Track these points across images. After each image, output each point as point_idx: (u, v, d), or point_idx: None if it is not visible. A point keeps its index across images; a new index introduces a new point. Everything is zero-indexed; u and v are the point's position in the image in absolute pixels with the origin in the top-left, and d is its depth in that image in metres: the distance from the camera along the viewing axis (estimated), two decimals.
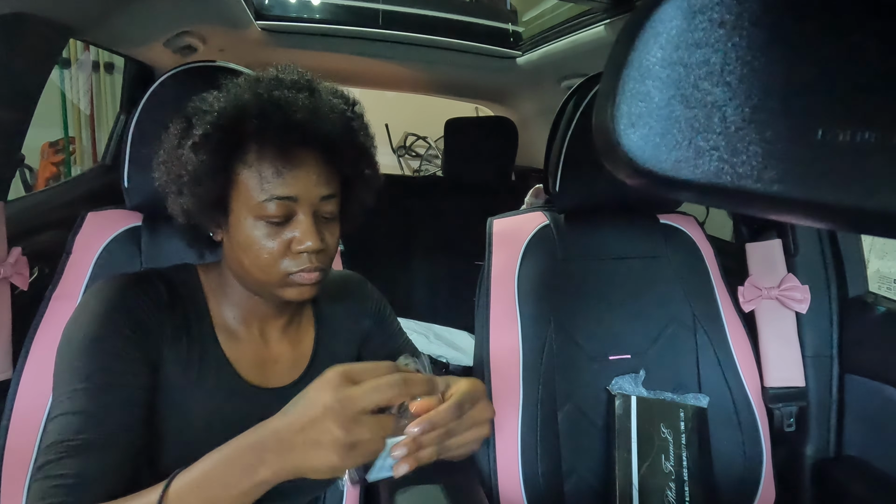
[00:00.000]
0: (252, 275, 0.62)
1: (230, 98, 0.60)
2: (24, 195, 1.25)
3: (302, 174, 0.59)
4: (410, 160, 3.65)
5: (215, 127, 0.58)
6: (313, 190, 0.60)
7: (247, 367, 0.67)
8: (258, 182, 0.59)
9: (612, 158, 0.25)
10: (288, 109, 0.57)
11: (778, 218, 0.25)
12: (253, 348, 0.69)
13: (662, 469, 0.95)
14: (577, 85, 1.04)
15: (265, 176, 0.59)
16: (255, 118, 0.57)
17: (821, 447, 1.06)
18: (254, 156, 0.59)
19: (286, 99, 0.58)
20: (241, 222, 0.61)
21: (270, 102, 0.58)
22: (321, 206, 0.61)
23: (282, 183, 0.59)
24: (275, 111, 0.57)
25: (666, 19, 0.24)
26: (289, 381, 0.70)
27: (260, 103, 0.58)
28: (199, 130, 0.59)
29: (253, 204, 0.59)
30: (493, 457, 0.95)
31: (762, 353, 1.06)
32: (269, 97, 0.58)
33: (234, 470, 0.50)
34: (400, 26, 1.75)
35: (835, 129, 0.22)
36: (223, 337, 0.67)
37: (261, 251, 0.60)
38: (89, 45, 2.43)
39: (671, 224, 1.11)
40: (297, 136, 0.58)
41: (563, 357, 0.99)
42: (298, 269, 0.61)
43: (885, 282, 1.78)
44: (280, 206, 0.59)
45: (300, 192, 0.59)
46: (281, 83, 0.60)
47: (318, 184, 0.60)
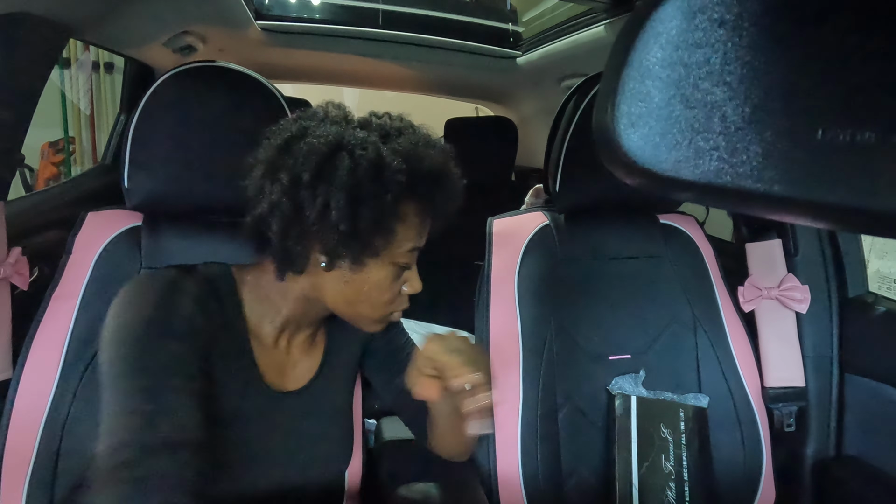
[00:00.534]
0: (356, 309, 0.66)
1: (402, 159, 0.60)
2: (24, 195, 1.25)
3: (426, 233, 0.67)
4: None
5: (402, 185, 0.59)
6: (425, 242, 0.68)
7: (271, 372, 0.69)
8: (411, 230, 0.64)
9: (612, 158, 0.25)
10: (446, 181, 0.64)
11: (778, 218, 0.25)
12: (279, 356, 0.70)
13: (662, 469, 0.95)
14: (577, 85, 1.04)
15: (416, 229, 0.64)
16: (428, 183, 0.62)
17: (821, 447, 1.06)
18: (413, 211, 0.63)
19: (445, 170, 0.64)
20: (376, 264, 0.63)
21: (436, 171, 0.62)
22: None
23: (421, 237, 0.66)
24: (437, 184, 0.63)
25: (666, 19, 0.24)
26: (302, 384, 0.72)
27: (431, 173, 0.62)
28: (368, 183, 0.57)
29: (398, 251, 0.63)
30: (493, 457, 0.94)
31: (762, 353, 1.06)
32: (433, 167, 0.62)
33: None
34: (400, 26, 1.74)
35: (835, 129, 0.22)
36: (255, 342, 0.67)
37: (384, 293, 0.65)
38: (89, 45, 2.43)
39: (671, 224, 1.11)
40: (444, 207, 0.65)
41: (563, 357, 0.99)
42: (398, 308, 0.68)
43: (885, 282, 1.78)
44: (414, 255, 0.66)
45: (422, 244, 0.67)
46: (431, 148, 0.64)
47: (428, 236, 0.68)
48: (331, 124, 0.62)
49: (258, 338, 0.68)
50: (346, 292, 0.64)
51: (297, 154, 0.59)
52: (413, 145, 0.62)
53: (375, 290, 0.64)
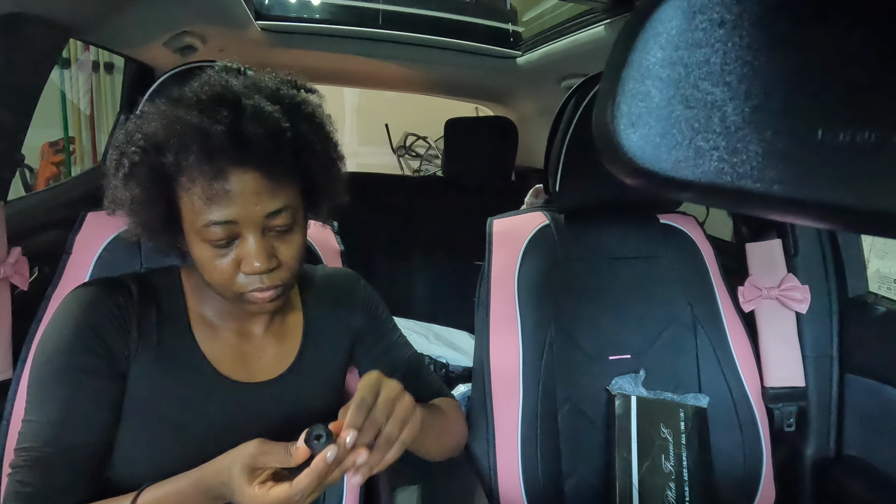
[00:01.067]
0: (213, 288, 0.63)
1: (152, 125, 0.57)
2: (24, 195, 1.25)
3: (238, 196, 0.56)
4: (410, 160, 3.65)
5: (142, 156, 0.57)
6: (255, 209, 0.57)
7: (226, 362, 0.68)
8: (194, 208, 0.57)
9: (612, 158, 0.25)
10: (206, 133, 0.54)
11: (778, 218, 0.25)
12: (233, 344, 0.69)
13: (662, 469, 0.95)
14: (577, 85, 1.04)
15: (198, 202, 0.57)
16: (175, 147, 0.55)
17: (821, 447, 1.06)
18: (185, 181, 0.57)
19: (203, 122, 0.55)
20: (191, 242, 0.60)
21: (188, 127, 0.55)
22: (269, 222, 0.59)
23: (217, 208, 0.56)
24: (192, 137, 0.54)
25: (666, 19, 0.24)
26: (275, 374, 0.70)
27: (177, 130, 0.55)
28: (127, 160, 0.58)
29: (196, 228, 0.58)
30: (493, 457, 0.94)
31: (762, 353, 1.06)
32: (187, 122, 0.55)
33: (200, 496, 0.57)
34: (400, 26, 1.74)
35: (835, 129, 0.22)
36: (201, 334, 0.67)
37: (213, 271, 0.60)
38: (89, 45, 2.43)
39: (671, 224, 1.11)
40: (221, 160, 0.55)
41: (563, 357, 0.99)
42: (251, 288, 0.60)
43: (885, 282, 1.78)
44: (222, 229, 0.57)
45: (239, 214, 0.57)
46: (199, 102, 0.57)
47: (259, 202, 0.57)
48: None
49: (205, 328, 0.68)
50: (200, 272, 0.63)
51: None
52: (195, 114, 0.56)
53: (205, 269, 0.60)
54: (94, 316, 0.62)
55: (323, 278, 0.79)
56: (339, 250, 0.96)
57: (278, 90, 0.61)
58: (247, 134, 0.55)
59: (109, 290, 0.65)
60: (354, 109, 3.61)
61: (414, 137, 3.57)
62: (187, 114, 0.56)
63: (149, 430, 0.63)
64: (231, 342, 0.69)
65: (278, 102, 0.59)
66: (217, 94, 0.57)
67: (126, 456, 0.62)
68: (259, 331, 0.71)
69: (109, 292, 0.64)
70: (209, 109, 0.56)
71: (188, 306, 0.68)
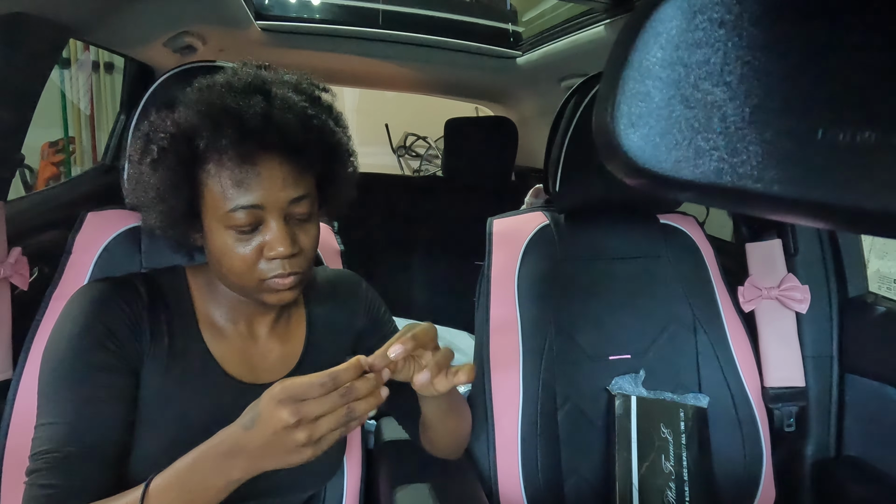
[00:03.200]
0: (229, 279, 0.63)
1: (182, 111, 0.59)
2: (24, 195, 1.25)
3: (265, 180, 0.58)
4: (410, 160, 3.65)
5: (171, 142, 0.58)
6: (280, 195, 0.59)
7: (233, 363, 0.68)
8: (221, 192, 0.59)
9: (612, 158, 0.25)
10: (240, 117, 0.57)
11: (778, 218, 0.25)
12: (240, 345, 0.69)
13: (662, 469, 0.95)
14: (577, 85, 1.04)
15: (226, 186, 0.58)
16: (208, 130, 0.57)
17: (821, 447, 1.06)
18: (213, 167, 0.59)
19: (237, 106, 0.57)
20: (212, 231, 0.61)
21: (222, 111, 0.57)
22: (291, 209, 0.61)
23: (245, 192, 0.58)
24: (227, 120, 0.56)
25: (666, 19, 0.24)
26: (279, 375, 0.70)
27: (211, 114, 0.57)
28: (155, 146, 0.59)
29: (220, 214, 0.59)
30: (493, 457, 0.94)
31: (762, 353, 1.06)
32: (221, 106, 0.57)
33: (208, 472, 0.54)
34: (400, 26, 1.74)
35: (835, 129, 0.22)
36: (209, 334, 0.68)
37: (234, 258, 0.61)
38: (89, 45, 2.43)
39: (671, 224, 1.11)
40: (252, 143, 0.57)
41: (563, 357, 0.99)
42: (272, 274, 0.61)
43: (885, 282, 1.78)
44: (247, 214, 0.59)
45: (265, 198, 0.59)
46: (232, 89, 0.59)
47: (284, 188, 0.59)
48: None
49: (213, 329, 0.68)
50: (213, 263, 0.65)
51: None
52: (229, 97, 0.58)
53: (225, 257, 0.61)
54: (105, 313, 0.62)
55: (325, 280, 0.79)
56: (340, 250, 0.96)
57: (300, 83, 0.64)
58: (278, 119, 0.57)
59: (119, 288, 0.65)
60: (354, 109, 3.61)
61: (414, 137, 3.57)
62: (221, 99, 0.58)
63: (162, 430, 0.63)
64: (237, 343, 0.69)
65: (302, 93, 0.63)
66: (249, 82, 0.60)
67: (141, 456, 0.62)
68: (264, 332, 0.71)
69: (119, 290, 0.65)
70: (242, 95, 0.58)
71: (195, 307, 0.68)
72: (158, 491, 0.54)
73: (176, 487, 0.54)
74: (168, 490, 0.54)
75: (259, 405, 0.53)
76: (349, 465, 0.85)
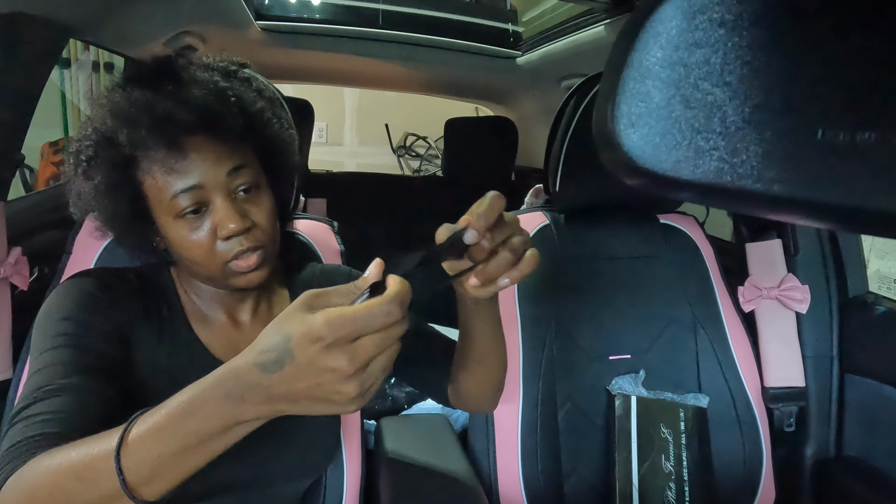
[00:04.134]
0: (195, 270, 0.64)
1: (98, 115, 0.60)
2: (24, 195, 1.25)
3: (196, 160, 0.59)
4: (410, 160, 3.65)
5: (96, 148, 0.59)
6: (215, 170, 0.59)
7: (220, 349, 0.69)
8: (158, 184, 0.59)
9: (612, 158, 0.25)
10: (151, 105, 0.57)
11: (778, 218, 0.25)
12: (224, 331, 0.70)
13: (662, 469, 0.95)
14: (577, 85, 1.04)
15: (161, 177, 0.58)
16: (125, 127, 0.57)
17: (821, 447, 1.06)
18: (144, 162, 0.59)
19: (147, 97, 0.57)
20: (165, 227, 0.61)
21: (133, 105, 0.57)
22: (232, 182, 0.60)
23: (180, 176, 0.58)
24: (139, 112, 0.57)
25: (666, 19, 0.24)
26: None
27: (124, 110, 0.57)
28: (83, 156, 0.60)
29: (165, 206, 0.60)
30: (493, 457, 0.94)
31: (762, 353, 1.06)
32: (131, 100, 0.58)
33: (209, 415, 0.43)
34: (400, 26, 1.74)
35: (835, 129, 0.22)
36: (195, 323, 0.69)
37: (192, 247, 0.60)
38: (89, 45, 2.43)
39: (671, 224, 1.11)
40: (171, 128, 0.57)
41: (562, 357, 0.99)
42: (233, 255, 0.61)
43: (885, 282, 1.78)
44: (189, 197, 0.59)
45: (202, 177, 0.59)
46: (140, 81, 0.60)
47: (217, 162, 0.59)
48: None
49: (198, 318, 0.69)
50: (178, 261, 0.65)
51: None
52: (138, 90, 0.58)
53: (183, 249, 0.61)
54: (99, 284, 0.63)
55: (317, 272, 0.80)
56: (340, 250, 0.96)
57: (211, 63, 0.65)
58: (189, 98, 0.58)
59: (109, 272, 0.66)
60: (354, 109, 3.60)
61: (414, 137, 3.57)
62: (130, 93, 0.58)
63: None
64: (222, 330, 0.70)
65: (215, 70, 0.64)
66: (154, 71, 0.61)
67: None
68: (247, 318, 0.72)
69: (109, 273, 0.66)
70: (150, 84, 0.59)
71: (181, 299, 0.70)
72: (140, 438, 0.43)
73: (165, 434, 0.43)
74: (154, 438, 0.43)
75: (289, 342, 0.40)
76: (349, 464, 0.85)
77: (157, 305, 0.67)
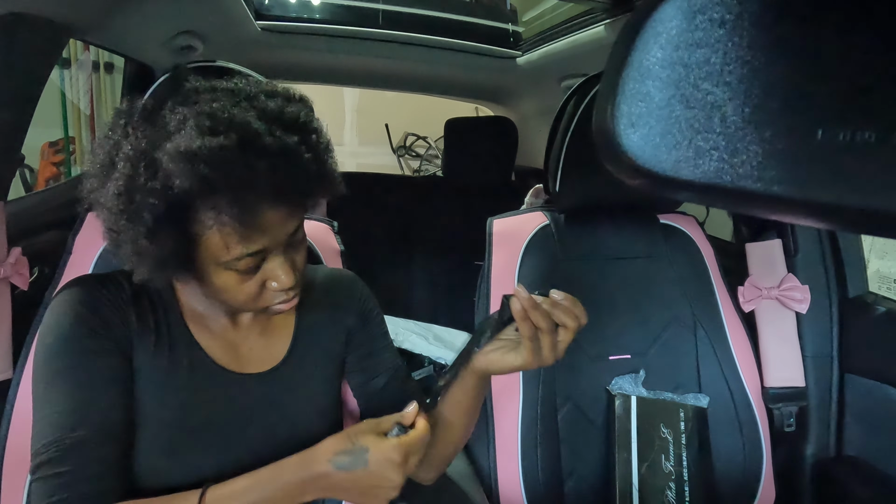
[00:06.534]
0: (227, 305, 0.64)
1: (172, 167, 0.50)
2: (24, 195, 1.25)
3: (269, 228, 0.56)
4: (410, 160, 3.65)
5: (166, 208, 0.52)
6: (282, 235, 0.58)
7: (220, 353, 0.68)
8: (222, 244, 0.55)
9: (612, 158, 0.25)
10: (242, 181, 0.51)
11: (778, 218, 0.25)
12: (225, 336, 0.70)
13: (662, 469, 0.95)
14: (577, 85, 1.04)
15: (228, 239, 0.55)
16: (206, 195, 0.51)
17: (821, 447, 1.06)
18: (212, 221, 0.53)
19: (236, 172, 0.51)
20: (210, 273, 0.58)
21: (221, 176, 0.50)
22: (291, 239, 0.60)
23: (249, 242, 0.55)
24: (226, 187, 0.51)
25: (666, 19, 0.24)
26: (266, 367, 0.71)
27: (209, 179, 0.50)
28: (147, 214, 0.52)
29: (221, 262, 0.57)
30: (493, 457, 0.94)
31: (762, 353, 1.06)
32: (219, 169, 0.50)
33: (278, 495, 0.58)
34: (400, 26, 1.74)
35: (835, 129, 0.22)
36: (193, 325, 0.68)
37: (238, 294, 0.60)
38: (89, 45, 2.43)
39: (671, 224, 1.11)
40: (257, 204, 0.53)
41: (562, 357, 0.98)
42: (277, 301, 0.62)
43: (885, 282, 1.78)
44: (253, 259, 0.57)
45: (270, 242, 0.57)
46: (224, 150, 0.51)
47: (286, 227, 0.58)
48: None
49: (196, 320, 0.68)
50: (207, 294, 0.63)
51: None
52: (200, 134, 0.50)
53: (227, 294, 0.59)
54: (92, 302, 0.62)
55: (321, 277, 0.79)
56: (340, 250, 0.96)
57: (283, 112, 0.57)
58: (279, 178, 0.53)
59: (102, 280, 0.65)
60: (354, 109, 3.60)
61: (414, 137, 3.57)
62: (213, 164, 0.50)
63: (154, 420, 0.63)
64: (221, 333, 0.70)
65: (296, 132, 0.56)
66: (241, 137, 0.52)
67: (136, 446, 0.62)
68: (248, 323, 0.72)
69: (103, 282, 0.65)
70: (238, 156, 0.51)
71: (179, 300, 0.69)
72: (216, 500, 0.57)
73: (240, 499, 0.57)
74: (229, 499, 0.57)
75: (367, 454, 0.58)
76: None
77: (153, 311, 0.66)
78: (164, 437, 0.62)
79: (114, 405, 0.60)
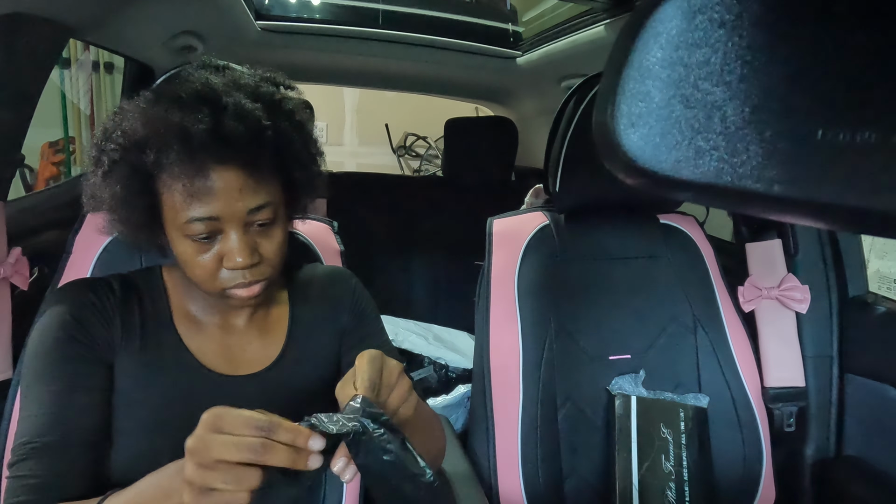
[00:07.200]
0: (194, 283, 0.64)
1: (131, 123, 0.57)
2: (24, 195, 1.25)
3: (220, 192, 0.57)
4: (410, 160, 3.65)
5: (122, 154, 0.58)
6: (237, 206, 0.58)
7: (211, 355, 0.68)
8: (176, 204, 0.58)
9: (612, 158, 0.25)
10: (186, 132, 0.55)
11: (778, 218, 0.25)
12: (217, 337, 0.69)
13: (662, 469, 0.95)
14: (577, 85, 1.04)
15: (181, 198, 0.57)
16: (155, 146, 0.56)
17: (821, 447, 1.06)
18: (167, 178, 0.58)
19: (183, 122, 0.55)
20: (173, 239, 0.61)
21: (168, 127, 0.55)
22: (251, 217, 0.60)
23: (200, 204, 0.57)
24: (172, 137, 0.55)
25: (666, 19, 0.24)
26: (259, 367, 0.70)
27: (158, 130, 0.56)
28: (106, 158, 0.58)
29: (178, 224, 0.59)
30: (493, 457, 0.94)
31: (762, 353, 1.06)
32: (166, 121, 0.55)
33: (161, 496, 0.51)
34: (400, 26, 1.74)
35: (835, 129, 0.22)
36: (184, 328, 0.68)
37: (195, 266, 0.60)
38: (89, 45, 2.43)
39: (671, 224, 1.11)
40: (202, 158, 0.56)
41: (563, 357, 0.99)
42: (233, 283, 0.61)
43: (885, 282, 1.78)
44: (204, 225, 0.58)
45: (222, 210, 0.58)
46: (180, 101, 0.57)
47: (241, 198, 0.58)
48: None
49: (188, 322, 0.69)
50: (181, 269, 0.64)
51: None
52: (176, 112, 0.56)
53: (187, 265, 0.61)
54: (75, 308, 0.63)
55: (316, 276, 0.79)
56: (340, 250, 0.96)
57: (258, 87, 0.62)
58: (228, 132, 0.56)
59: (90, 285, 0.66)
60: (354, 109, 3.60)
61: (414, 137, 3.56)
62: (168, 112, 0.56)
63: (137, 425, 0.63)
64: (215, 336, 0.69)
65: (259, 100, 0.60)
66: (197, 91, 0.58)
67: (118, 447, 0.62)
68: (242, 324, 0.71)
69: (90, 287, 0.66)
70: (189, 107, 0.56)
71: (171, 303, 0.69)
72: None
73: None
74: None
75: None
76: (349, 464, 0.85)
77: (141, 315, 0.66)
78: (147, 441, 0.63)
79: (86, 411, 0.60)
